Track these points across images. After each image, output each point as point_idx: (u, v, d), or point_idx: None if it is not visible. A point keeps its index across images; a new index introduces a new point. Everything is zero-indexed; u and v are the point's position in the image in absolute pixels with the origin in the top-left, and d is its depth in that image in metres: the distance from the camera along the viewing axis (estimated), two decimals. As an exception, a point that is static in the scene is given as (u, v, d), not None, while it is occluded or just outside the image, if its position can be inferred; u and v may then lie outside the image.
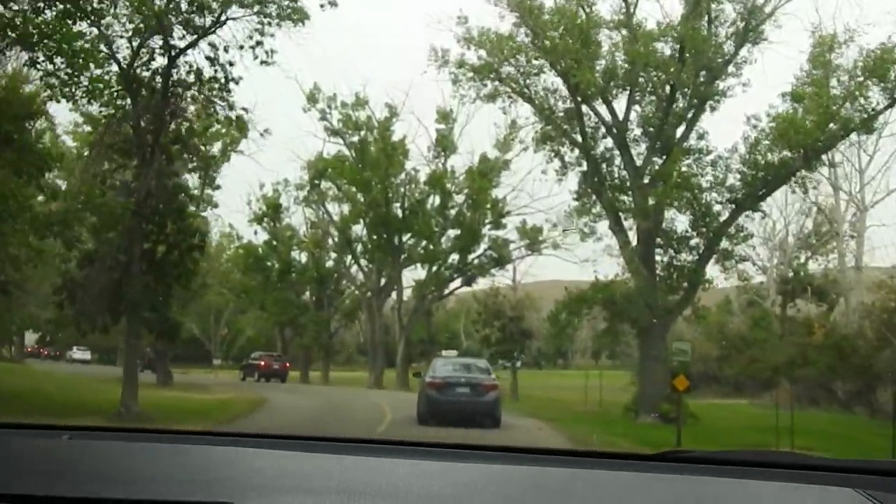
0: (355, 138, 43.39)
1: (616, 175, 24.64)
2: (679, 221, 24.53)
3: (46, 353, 79.51)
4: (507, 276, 41.65)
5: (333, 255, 53.42)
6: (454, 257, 45.80)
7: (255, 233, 55.48)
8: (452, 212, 45.23)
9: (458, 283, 46.70)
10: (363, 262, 48.98)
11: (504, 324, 35.96)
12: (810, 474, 1.84)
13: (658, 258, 24.33)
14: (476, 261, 45.21)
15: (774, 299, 41.05)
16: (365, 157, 42.61)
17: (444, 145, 44.24)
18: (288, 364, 49.05)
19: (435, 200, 45.62)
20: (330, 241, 50.32)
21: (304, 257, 56.17)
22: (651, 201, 23.33)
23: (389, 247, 45.11)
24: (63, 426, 2.33)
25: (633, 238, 24.30)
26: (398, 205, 44.20)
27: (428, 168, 44.64)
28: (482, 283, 46.30)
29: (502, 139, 44.50)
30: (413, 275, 47.91)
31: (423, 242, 45.42)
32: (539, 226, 43.74)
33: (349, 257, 49.51)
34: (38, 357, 79.68)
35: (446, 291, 47.65)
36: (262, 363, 47.68)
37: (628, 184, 24.20)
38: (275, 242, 56.01)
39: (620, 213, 24.15)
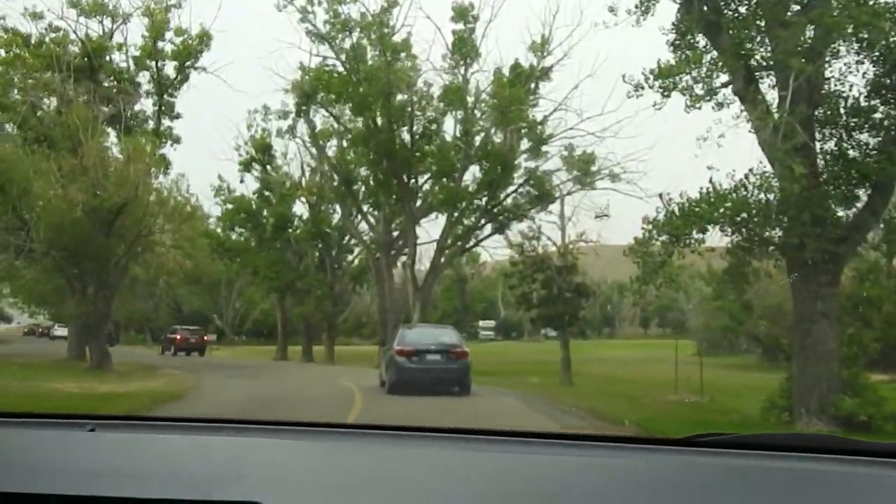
0: (346, 43, 33.07)
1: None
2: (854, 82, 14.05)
3: (41, 331, 77.48)
4: (550, 222, 31.27)
5: (339, 207, 43.53)
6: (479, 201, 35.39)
7: (242, 180, 45.80)
8: (477, 139, 34.81)
9: (486, 231, 36.30)
10: (369, 209, 38.80)
11: (549, 277, 25.74)
12: (859, 459, 1.74)
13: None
14: (509, 200, 34.85)
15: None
16: (359, 65, 32.31)
17: (464, 50, 33.76)
18: (206, 337, 48.19)
19: (455, 129, 35.30)
20: (332, 189, 40.09)
21: (305, 211, 46.48)
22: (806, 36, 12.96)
23: (397, 187, 34.91)
24: (85, 415, 2.22)
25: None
26: (406, 129, 33.83)
27: (442, 81, 34.20)
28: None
29: (539, 40, 34.03)
30: (432, 228, 37.92)
31: (442, 180, 35.12)
32: (590, 151, 33.24)
33: (353, 206, 39.31)
34: (33, 335, 78.41)
35: (472, 242, 37.11)
36: (178, 337, 46.27)
37: (761, 12, 13.81)
38: (266, 192, 46.25)
39: (752, 62, 13.78)
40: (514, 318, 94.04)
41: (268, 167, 45.65)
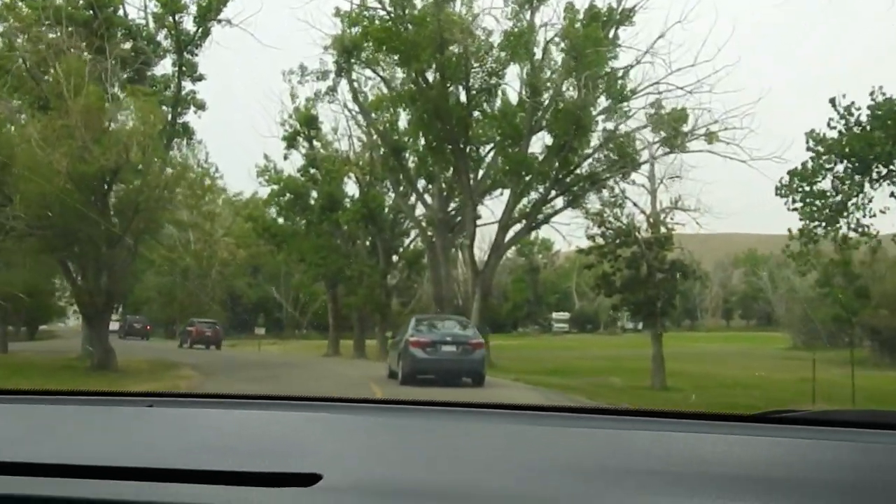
0: (391, -15, 28.02)
1: None
2: None
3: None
4: (638, 185, 25.62)
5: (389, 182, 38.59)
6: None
7: (286, 157, 41.30)
8: (546, 96, 29.50)
9: (558, 206, 30.91)
10: (422, 183, 33.79)
11: (637, 254, 20.33)
12: None
13: None
14: (584, 167, 29.47)
15: None
16: (405, 9, 27.31)
17: (529, -10, 28.43)
18: (220, 330, 47.70)
19: (520, 85, 30.05)
20: (381, 160, 35.21)
21: (357, 191, 41.77)
22: None
23: (452, 154, 29.85)
24: (144, 393, 2.38)
25: None
26: (461, 85, 28.72)
27: (503, 27, 28.92)
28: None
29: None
30: (496, 206, 32.75)
31: (505, 146, 29.94)
32: (680, 108, 27.65)
33: (404, 180, 34.37)
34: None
35: (540, 218, 31.73)
36: (194, 330, 46.25)
37: None
38: (312, 170, 41.67)
39: None
40: (589, 309, 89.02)
41: (314, 142, 41.14)
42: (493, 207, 33.04)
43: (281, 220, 44.55)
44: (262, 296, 73.91)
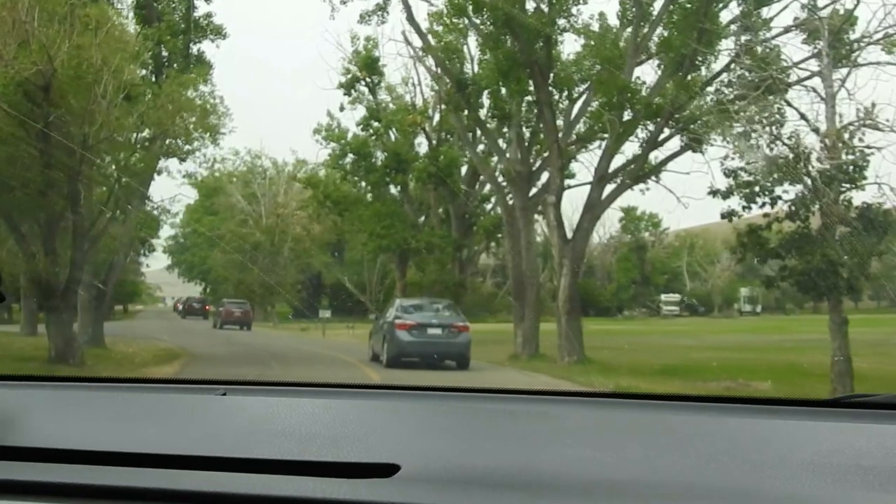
0: None
1: None
2: None
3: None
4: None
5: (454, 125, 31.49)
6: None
7: (342, 108, 34.76)
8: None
9: (670, 148, 23.27)
10: (493, 123, 26.55)
11: (808, 196, 12.75)
12: None
13: None
14: (709, 96, 21.81)
15: None
16: None
17: None
18: (249, 311, 46.52)
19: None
20: (445, 96, 28.16)
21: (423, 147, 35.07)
22: None
23: (532, 81, 22.70)
24: (216, 381, 2.26)
25: None
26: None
27: None
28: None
29: None
30: (590, 159, 25.46)
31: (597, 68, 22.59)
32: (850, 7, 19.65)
33: (471, 119, 27.29)
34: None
35: (647, 167, 23.98)
36: (224, 311, 45.22)
37: None
38: (374, 123, 35.13)
39: None
40: (701, 291, 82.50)
41: (376, 90, 34.63)
42: (586, 161, 25.80)
43: (345, 187, 38.33)
44: (346, 276, 68.71)
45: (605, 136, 23.19)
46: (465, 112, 25.83)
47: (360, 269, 63.77)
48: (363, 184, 37.34)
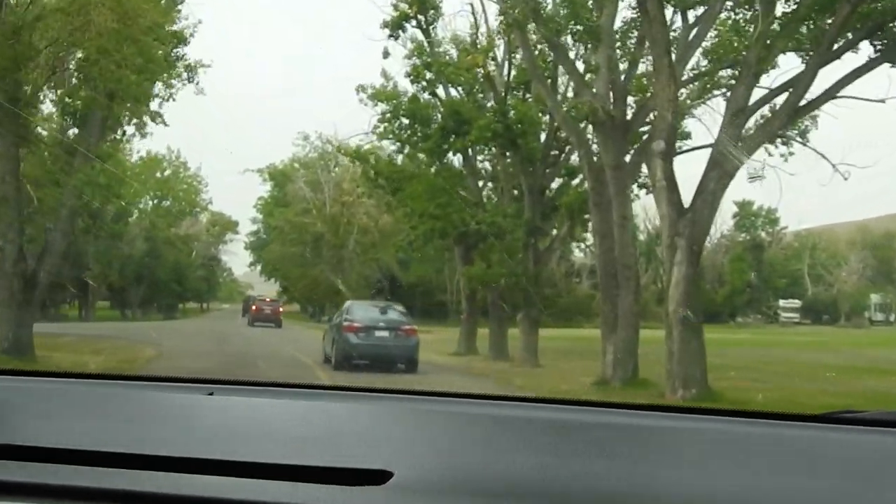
0: None
1: None
2: None
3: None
4: None
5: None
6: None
7: (386, 54, 27.07)
8: None
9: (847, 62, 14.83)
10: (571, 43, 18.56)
11: None
12: None
13: None
14: None
15: None
16: None
17: None
18: (281, 308, 46.54)
19: None
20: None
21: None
22: None
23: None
24: (205, 379, 2.24)
25: None
26: None
27: None
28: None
29: None
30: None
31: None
32: None
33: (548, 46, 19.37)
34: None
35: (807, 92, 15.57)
36: (254, 308, 44.28)
37: None
38: (428, 75, 27.52)
39: None
40: (825, 297, 74.19)
41: (430, 30, 27.13)
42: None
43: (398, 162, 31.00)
44: (422, 274, 60.82)
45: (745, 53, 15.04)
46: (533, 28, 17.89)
47: (441, 265, 56.19)
48: (421, 156, 29.93)
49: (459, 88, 27.31)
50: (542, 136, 26.16)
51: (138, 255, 52.87)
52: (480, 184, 29.15)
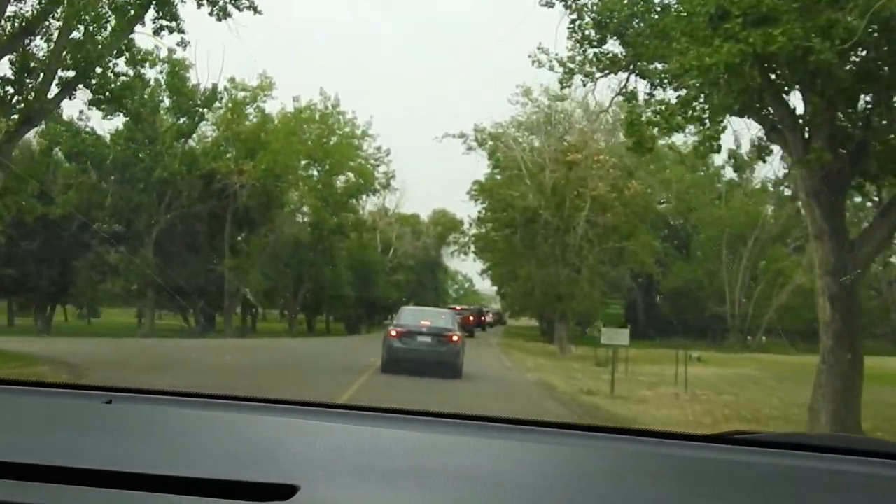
0: None
1: None
2: None
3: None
4: None
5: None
6: None
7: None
8: None
9: None
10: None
11: None
12: (891, 462, 1.70)
13: None
14: None
15: None
16: None
17: None
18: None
19: None
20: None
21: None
22: None
23: None
24: (102, 387, 2.14)
25: None
26: None
27: None
28: None
29: None
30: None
31: None
32: None
33: None
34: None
35: None
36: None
37: None
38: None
39: None
40: None
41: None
42: None
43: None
44: (689, 277, 47.98)
45: None
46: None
47: (718, 266, 44.58)
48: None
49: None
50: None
51: (307, 258, 43.80)
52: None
